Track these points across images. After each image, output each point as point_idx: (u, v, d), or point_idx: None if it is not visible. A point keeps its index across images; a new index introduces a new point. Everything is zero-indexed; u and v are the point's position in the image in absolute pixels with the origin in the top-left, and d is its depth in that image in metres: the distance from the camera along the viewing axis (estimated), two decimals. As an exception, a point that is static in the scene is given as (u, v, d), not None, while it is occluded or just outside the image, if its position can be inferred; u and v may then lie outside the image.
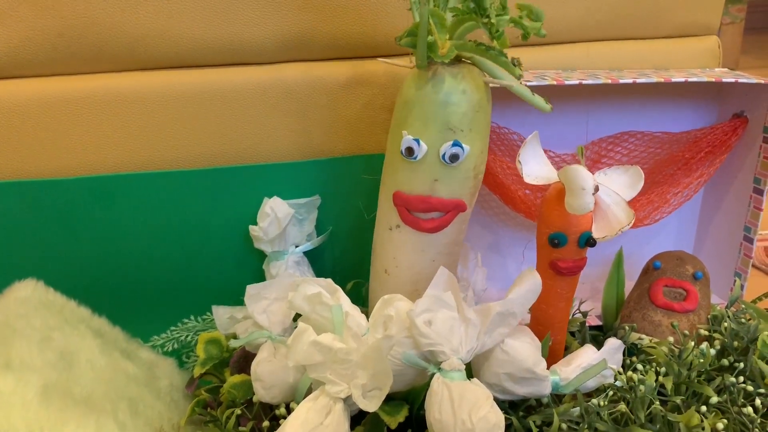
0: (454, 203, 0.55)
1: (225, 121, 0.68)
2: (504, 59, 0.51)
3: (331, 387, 0.46)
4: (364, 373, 0.45)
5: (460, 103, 0.52)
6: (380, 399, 0.46)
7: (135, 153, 0.68)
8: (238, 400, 0.57)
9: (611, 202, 0.57)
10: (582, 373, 0.53)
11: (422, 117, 0.53)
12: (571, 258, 0.57)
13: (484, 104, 0.53)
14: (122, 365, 0.60)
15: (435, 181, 0.54)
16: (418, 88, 0.53)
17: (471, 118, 0.52)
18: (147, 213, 0.69)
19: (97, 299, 0.67)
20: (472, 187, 0.56)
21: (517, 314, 0.50)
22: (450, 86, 0.52)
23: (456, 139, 0.52)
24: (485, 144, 0.55)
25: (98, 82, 0.66)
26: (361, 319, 0.54)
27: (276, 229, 0.67)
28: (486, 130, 0.55)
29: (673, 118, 0.75)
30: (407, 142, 0.53)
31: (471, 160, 0.54)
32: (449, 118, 0.52)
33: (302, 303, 0.53)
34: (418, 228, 0.56)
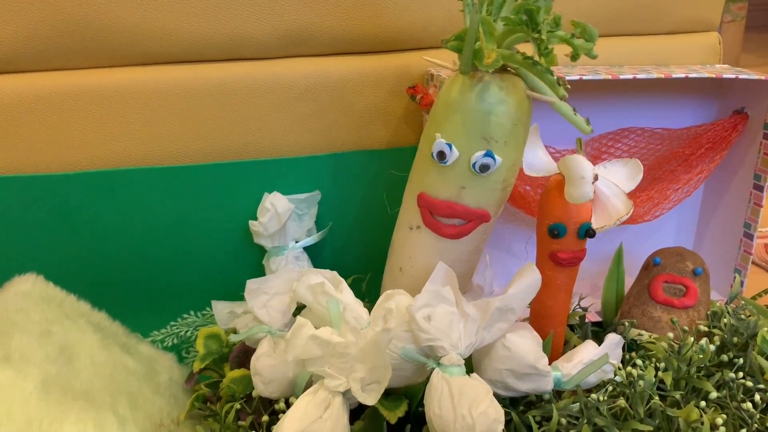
0: (478, 213, 0.54)
1: (225, 116, 0.68)
2: (550, 77, 0.50)
3: (329, 381, 0.46)
4: (363, 367, 0.45)
5: (502, 115, 0.51)
6: (379, 392, 0.46)
7: (135, 148, 0.68)
8: (238, 395, 0.57)
9: (610, 192, 0.57)
10: (583, 368, 0.53)
11: (460, 123, 0.52)
12: (570, 249, 0.57)
13: (523, 118, 0.52)
14: (122, 360, 0.60)
15: (462, 188, 0.53)
16: (461, 93, 0.52)
17: (508, 131, 0.52)
18: (147, 208, 0.69)
19: (97, 294, 0.67)
20: (499, 200, 0.55)
21: (516, 309, 0.50)
22: (493, 96, 0.51)
23: (489, 149, 0.52)
24: (519, 158, 0.55)
25: (98, 77, 0.66)
26: (363, 313, 0.54)
27: (276, 224, 0.67)
28: (521, 145, 0.54)
29: (674, 114, 0.75)
30: (440, 145, 0.52)
31: (501, 172, 0.53)
32: (487, 127, 0.51)
33: (305, 292, 0.54)
34: (439, 232, 0.55)
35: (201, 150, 0.69)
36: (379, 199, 0.70)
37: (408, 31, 0.70)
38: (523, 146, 0.54)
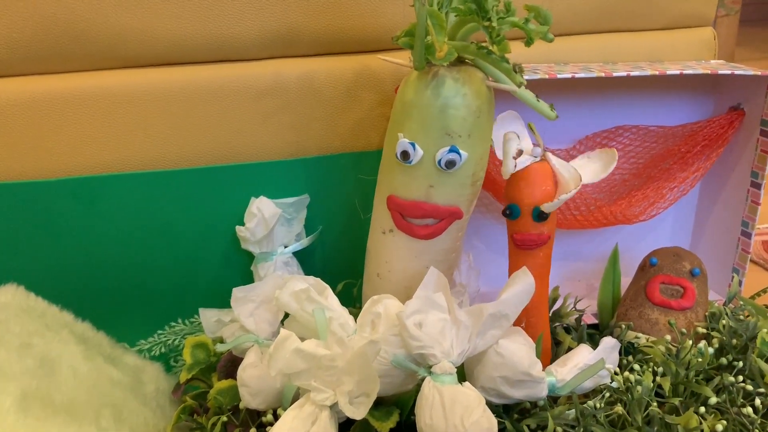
0: (449, 210, 0.53)
1: (211, 119, 0.67)
2: (505, 65, 0.49)
3: (316, 394, 0.44)
4: (350, 379, 0.44)
5: (460, 108, 0.50)
6: (367, 406, 0.44)
7: (119, 153, 0.66)
8: (225, 407, 0.55)
9: (560, 167, 0.55)
10: (579, 374, 0.52)
11: (420, 120, 0.51)
12: (527, 231, 0.57)
13: (485, 109, 0.51)
14: (106, 371, 0.59)
15: (430, 187, 0.52)
16: (416, 90, 0.51)
17: (471, 124, 0.51)
18: (132, 214, 0.67)
19: (81, 304, 0.65)
20: (470, 195, 0.54)
21: (510, 316, 0.49)
22: (450, 90, 0.50)
23: (453, 145, 0.51)
24: (486, 150, 0.54)
25: (81, 81, 0.64)
26: (349, 320, 0.53)
27: (263, 229, 0.66)
28: (487, 136, 0.53)
29: (669, 111, 0.74)
30: (403, 145, 0.51)
31: (469, 166, 0.52)
32: (447, 122, 0.50)
33: (289, 300, 0.52)
34: (412, 234, 0.54)
35: (186, 154, 0.68)
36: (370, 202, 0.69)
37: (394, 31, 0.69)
38: (489, 138, 0.54)
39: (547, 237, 0.58)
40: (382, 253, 0.56)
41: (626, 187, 0.74)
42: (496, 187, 0.69)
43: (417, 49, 0.49)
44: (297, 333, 0.53)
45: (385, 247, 0.56)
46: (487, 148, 0.54)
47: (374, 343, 0.43)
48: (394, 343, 0.49)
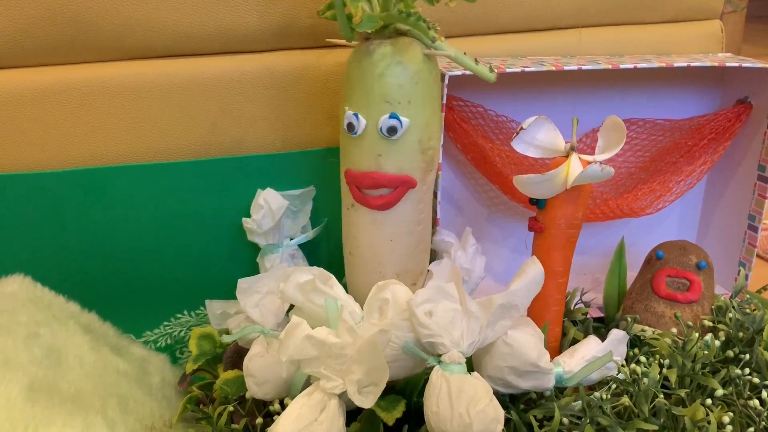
0: (400, 179, 0.54)
1: (217, 110, 0.67)
2: (420, 24, 0.50)
3: (325, 382, 0.44)
4: (360, 368, 0.44)
5: (397, 75, 0.51)
6: (376, 395, 0.44)
7: (125, 144, 0.66)
8: (231, 397, 0.55)
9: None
10: (586, 365, 0.52)
11: (361, 91, 0.52)
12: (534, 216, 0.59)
13: (424, 76, 0.52)
14: (112, 361, 0.59)
15: (379, 156, 0.53)
16: (357, 62, 0.53)
17: (409, 90, 0.52)
18: (138, 206, 0.67)
19: (88, 295, 0.65)
20: (422, 162, 0.55)
21: (519, 306, 0.49)
22: (384, 58, 0.51)
23: (393, 112, 0.52)
24: (432, 117, 0.54)
25: (88, 72, 0.64)
26: (356, 308, 0.53)
27: (270, 221, 0.66)
28: (432, 103, 0.54)
29: (675, 104, 0.74)
30: (348, 117, 0.53)
31: (414, 133, 0.53)
32: (385, 90, 0.51)
33: (294, 292, 0.52)
34: (368, 205, 0.55)
35: (192, 145, 0.68)
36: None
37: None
38: (435, 104, 0.55)
39: (538, 225, 0.58)
40: (349, 229, 0.58)
41: (632, 181, 0.74)
42: (502, 179, 0.69)
43: (340, 20, 0.51)
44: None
45: (350, 222, 0.57)
46: (434, 115, 0.54)
47: (384, 332, 0.43)
48: (404, 327, 0.49)
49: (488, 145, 0.68)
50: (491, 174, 0.70)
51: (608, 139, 0.56)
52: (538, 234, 0.59)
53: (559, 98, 0.71)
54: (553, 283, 0.59)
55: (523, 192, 0.56)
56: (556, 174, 0.54)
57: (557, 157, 0.56)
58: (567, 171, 0.55)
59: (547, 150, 0.56)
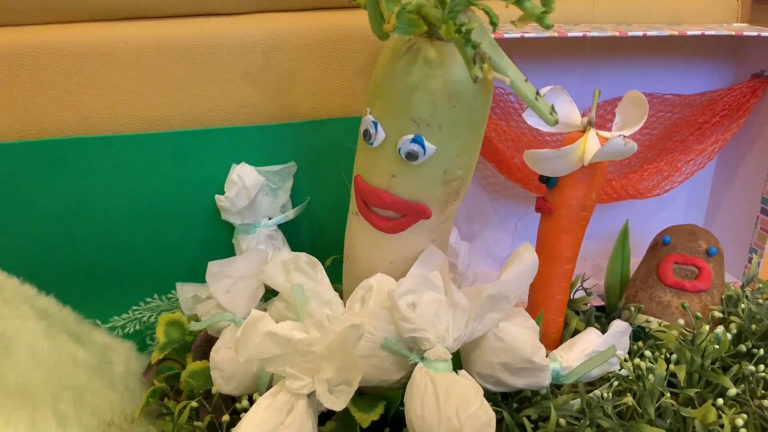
0: (412, 207, 0.46)
1: (189, 78, 0.62)
2: (467, 50, 0.38)
3: (292, 382, 0.40)
4: (330, 366, 0.39)
5: (431, 93, 0.42)
6: (348, 395, 0.39)
7: (89, 114, 0.61)
8: (197, 390, 0.50)
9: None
10: (586, 361, 0.47)
11: (387, 99, 0.44)
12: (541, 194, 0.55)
13: (467, 99, 0.42)
14: (70, 350, 0.54)
15: (392, 176, 0.45)
16: (388, 62, 0.43)
17: (443, 113, 0.42)
18: (105, 180, 0.62)
19: (47, 277, 0.60)
20: (443, 194, 0.46)
21: (510, 297, 0.44)
22: (421, 69, 0.41)
23: (418, 134, 0.43)
24: (468, 148, 0.45)
25: (42, 35, 0.59)
26: (335, 299, 0.48)
27: (244, 199, 0.61)
28: (472, 133, 0.45)
29: (686, 78, 0.69)
30: (366, 123, 0.45)
31: (439, 163, 0.44)
32: (415, 107, 0.42)
33: (276, 273, 0.47)
34: (372, 223, 0.47)
35: (163, 116, 0.62)
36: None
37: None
38: (474, 135, 0.45)
39: (546, 205, 0.53)
40: (350, 234, 0.51)
41: (638, 160, 0.69)
42: (498, 157, 0.64)
43: (371, 17, 0.40)
44: (283, 313, 0.48)
45: (352, 228, 0.50)
46: (470, 147, 0.45)
47: (356, 327, 0.38)
48: (384, 317, 0.44)
49: (483, 120, 0.62)
50: (487, 151, 0.65)
51: (628, 114, 0.51)
52: (547, 215, 0.54)
53: (563, 69, 0.66)
54: (559, 270, 0.55)
55: (533, 168, 0.51)
56: (571, 150, 0.49)
57: (572, 132, 0.51)
58: (584, 147, 0.50)
59: (562, 124, 0.51)
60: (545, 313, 0.55)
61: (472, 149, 0.46)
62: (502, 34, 0.55)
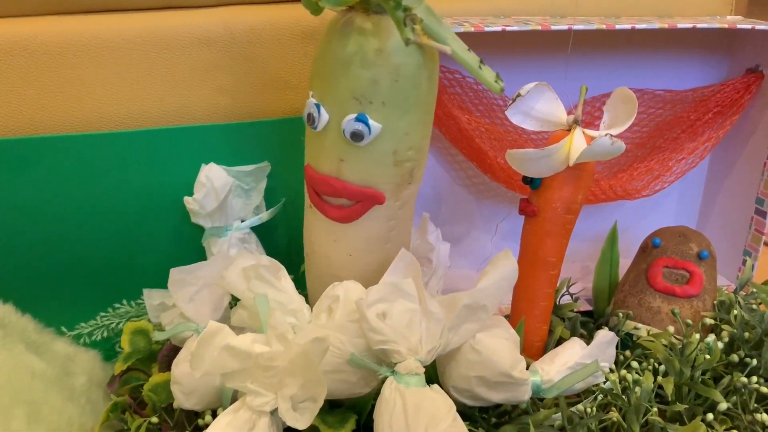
0: (364, 192, 0.44)
1: (155, 74, 0.59)
2: (397, 13, 0.37)
3: (253, 398, 0.37)
4: (294, 382, 0.36)
5: (370, 67, 0.40)
6: (313, 413, 0.37)
7: (50, 112, 0.58)
8: (159, 405, 0.48)
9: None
10: (569, 375, 0.44)
11: (326, 78, 0.41)
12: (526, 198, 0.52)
13: (410, 71, 0.41)
14: (26, 361, 0.51)
15: (341, 161, 0.43)
16: (327, 38, 0.41)
17: (386, 88, 0.40)
18: (68, 181, 0.59)
19: (6, 283, 0.57)
20: (395, 176, 0.44)
21: (488, 307, 0.41)
22: (356, 41, 0.40)
23: (362, 113, 0.41)
24: (416, 125, 0.43)
25: (5, 28, 0.56)
26: (304, 308, 0.45)
27: (213, 201, 0.58)
28: (418, 108, 0.43)
29: (678, 73, 0.66)
30: (309, 106, 0.43)
31: (387, 142, 0.42)
32: (354, 84, 0.40)
33: (236, 280, 0.45)
34: (325, 213, 0.45)
35: (128, 114, 0.60)
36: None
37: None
38: (423, 109, 0.43)
39: (531, 208, 0.50)
40: (307, 231, 0.49)
41: (627, 159, 0.66)
42: (481, 156, 0.61)
43: None
44: (246, 322, 0.46)
45: (307, 223, 0.48)
46: (418, 123, 0.43)
47: (320, 340, 0.36)
48: (352, 331, 0.41)
49: (465, 117, 0.60)
50: (469, 150, 0.62)
51: (616, 112, 0.48)
52: (530, 218, 0.51)
53: (547, 64, 0.63)
54: (543, 275, 0.52)
55: (516, 169, 0.48)
56: (556, 149, 0.47)
57: (558, 130, 0.48)
58: (569, 146, 0.47)
59: (547, 122, 0.48)
60: (529, 320, 0.53)
61: (422, 128, 0.44)
62: (483, 27, 0.52)
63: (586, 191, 0.50)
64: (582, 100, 0.49)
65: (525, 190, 0.62)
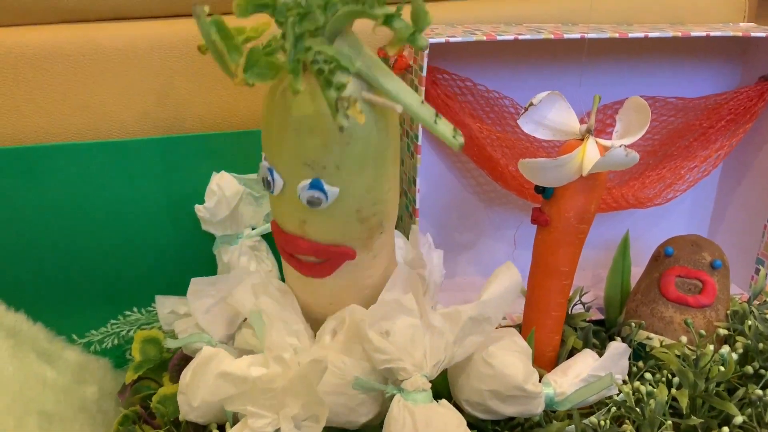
0: (332, 251, 0.41)
1: (167, 81, 0.59)
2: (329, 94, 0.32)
3: (255, 420, 0.37)
4: (295, 402, 0.36)
5: (318, 133, 0.37)
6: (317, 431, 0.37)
7: (63, 120, 0.59)
8: (168, 417, 0.48)
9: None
10: (582, 387, 0.44)
11: (275, 142, 0.39)
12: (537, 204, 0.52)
13: (361, 134, 0.37)
14: (38, 370, 0.51)
15: (303, 222, 0.40)
16: (270, 99, 0.39)
17: (338, 153, 0.37)
18: (79, 188, 0.60)
19: (17, 291, 0.58)
20: (363, 232, 0.41)
21: (492, 319, 0.41)
22: (301, 106, 0.36)
23: (316, 178, 0.38)
24: (380, 179, 0.40)
25: (11, 37, 0.56)
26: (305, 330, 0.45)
27: (225, 209, 0.58)
28: (376, 164, 0.39)
29: (690, 81, 0.66)
30: (263, 170, 0.40)
31: (348, 203, 0.39)
32: (303, 150, 0.37)
33: (245, 296, 0.44)
34: (298, 269, 0.43)
35: (142, 122, 0.60)
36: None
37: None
38: (384, 163, 0.40)
39: (543, 217, 0.50)
40: (286, 278, 0.47)
41: (639, 167, 0.66)
42: (492, 164, 0.61)
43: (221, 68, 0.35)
44: (250, 341, 0.45)
45: (286, 272, 0.46)
46: (380, 177, 0.40)
47: (318, 362, 0.35)
48: (355, 352, 0.41)
49: (477, 125, 0.60)
50: (480, 158, 0.62)
51: (629, 121, 0.48)
52: (543, 228, 0.51)
53: (558, 73, 0.63)
54: (556, 285, 0.52)
55: (528, 178, 0.48)
56: (570, 159, 0.46)
57: (570, 140, 0.48)
58: (582, 156, 0.47)
59: (559, 131, 0.48)
60: (541, 330, 0.53)
61: (386, 180, 0.41)
62: (495, 36, 0.52)
63: (599, 201, 0.50)
64: (595, 110, 0.48)
65: (537, 198, 0.62)
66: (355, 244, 0.41)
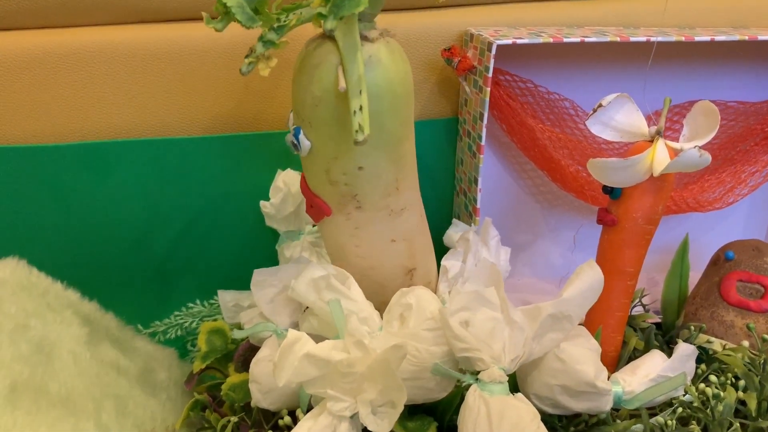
0: (315, 200, 0.47)
1: (234, 82, 0.60)
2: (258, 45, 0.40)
3: (333, 404, 0.38)
4: (373, 387, 0.37)
5: (303, 88, 0.42)
6: (393, 417, 0.37)
7: (134, 117, 0.60)
8: (237, 404, 0.49)
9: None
10: (652, 387, 0.44)
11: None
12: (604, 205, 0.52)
13: (331, 103, 0.41)
14: (112, 357, 0.53)
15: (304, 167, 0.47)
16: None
17: (309, 111, 0.42)
18: (147, 184, 0.61)
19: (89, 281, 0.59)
20: (335, 194, 0.46)
21: (573, 317, 0.42)
22: (301, 64, 0.43)
23: (297, 127, 0.44)
24: (349, 154, 0.43)
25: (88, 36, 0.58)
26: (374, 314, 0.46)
27: (289, 205, 0.59)
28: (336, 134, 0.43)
29: (751, 84, 0.65)
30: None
31: (318, 160, 0.45)
32: (295, 98, 0.44)
33: (306, 289, 0.45)
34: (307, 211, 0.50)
35: (209, 120, 0.61)
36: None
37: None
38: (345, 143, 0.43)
39: (609, 217, 0.50)
40: None
41: (699, 170, 0.65)
42: (552, 165, 0.61)
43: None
44: (316, 329, 0.47)
45: None
46: (350, 152, 0.43)
47: (399, 347, 0.36)
48: (428, 339, 0.42)
49: (538, 126, 0.60)
50: (540, 159, 0.62)
51: (696, 125, 0.48)
52: (609, 228, 0.51)
53: (618, 75, 0.63)
54: (620, 285, 0.52)
55: (597, 178, 0.49)
56: (640, 159, 0.47)
57: (639, 141, 0.49)
58: (652, 157, 0.47)
59: (627, 133, 0.49)
60: (605, 330, 0.53)
61: (354, 159, 0.44)
62: (562, 38, 0.53)
63: (666, 202, 0.50)
64: (665, 111, 0.49)
65: (596, 200, 0.62)
66: (329, 201, 0.46)
